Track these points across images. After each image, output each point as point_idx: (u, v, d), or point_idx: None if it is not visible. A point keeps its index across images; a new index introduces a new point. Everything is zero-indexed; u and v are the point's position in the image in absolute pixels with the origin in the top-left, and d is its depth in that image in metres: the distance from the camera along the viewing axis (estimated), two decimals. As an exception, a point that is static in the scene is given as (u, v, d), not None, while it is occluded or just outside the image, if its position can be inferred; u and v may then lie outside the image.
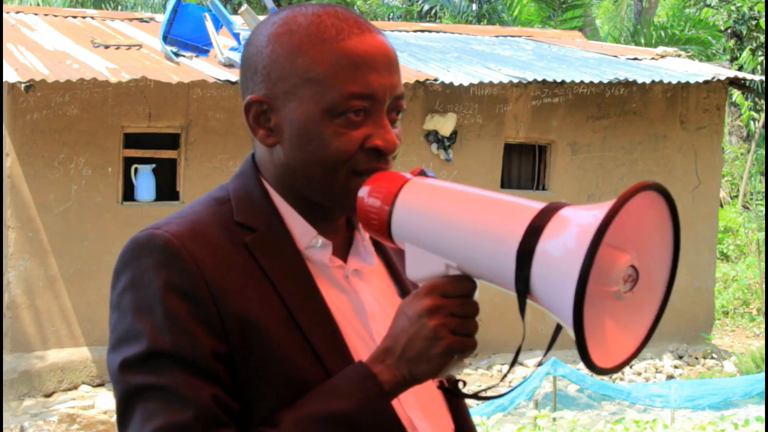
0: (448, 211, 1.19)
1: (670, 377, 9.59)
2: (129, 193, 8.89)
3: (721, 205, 14.82)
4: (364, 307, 1.34)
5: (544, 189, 10.09)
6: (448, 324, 1.18)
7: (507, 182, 10.03)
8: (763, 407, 6.90)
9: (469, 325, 1.20)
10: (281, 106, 1.29)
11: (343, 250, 1.37)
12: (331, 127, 1.26)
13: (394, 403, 1.25)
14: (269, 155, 1.33)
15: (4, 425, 7.71)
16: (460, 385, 1.28)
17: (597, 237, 1.04)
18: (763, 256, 13.94)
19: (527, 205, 1.15)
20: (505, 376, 1.27)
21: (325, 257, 1.33)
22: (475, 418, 6.38)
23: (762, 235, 14.44)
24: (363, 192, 1.25)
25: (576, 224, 1.08)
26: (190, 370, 1.20)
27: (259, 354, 1.23)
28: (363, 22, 1.31)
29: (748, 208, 16.38)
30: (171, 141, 9.08)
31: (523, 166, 10.18)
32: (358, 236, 1.38)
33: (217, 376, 1.21)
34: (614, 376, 9.63)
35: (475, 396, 1.30)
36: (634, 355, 1.15)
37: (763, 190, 16.04)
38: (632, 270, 1.12)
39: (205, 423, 1.19)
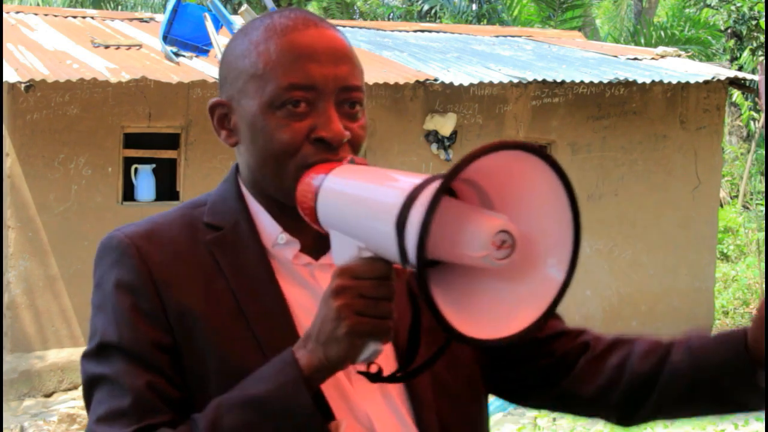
0: (352, 192, 1.19)
1: (670, 377, 9.58)
2: (129, 193, 8.89)
3: (721, 205, 14.82)
4: None
5: (544, 189, 10.09)
6: (353, 305, 1.15)
7: (507, 182, 10.03)
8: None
9: (380, 307, 1.16)
10: (236, 106, 1.34)
11: (318, 247, 1.37)
12: (274, 119, 1.29)
13: (350, 393, 1.28)
14: (239, 156, 1.38)
15: (4, 425, 7.71)
16: (375, 368, 1.24)
17: (435, 197, 1.00)
18: (763, 256, 13.94)
19: (413, 178, 1.10)
20: (410, 358, 1.23)
21: (290, 254, 1.35)
22: (475, 418, 6.37)
23: (762, 235, 14.44)
24: (302, 180, 1.26)
25: (430, 188, 1.04)
26: (131, 360, 1.27)
27: (201, 345, 1.28)
28: (312, 19, 1.33)
29: (748, 208, 16.37)
30: (171, 141, 9.08)
31: (523, 166, 10.18)
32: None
33: (157, 366, 1.27)
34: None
35: (388, 378, 1.26)
36: (533, 326, 1.08)
37: (763, 190, 16.04)
38: (506, 236, 1.05)
39: (140, 410, 1.25)
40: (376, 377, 1.23)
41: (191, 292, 1.30)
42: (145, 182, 8.91)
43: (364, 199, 1.15)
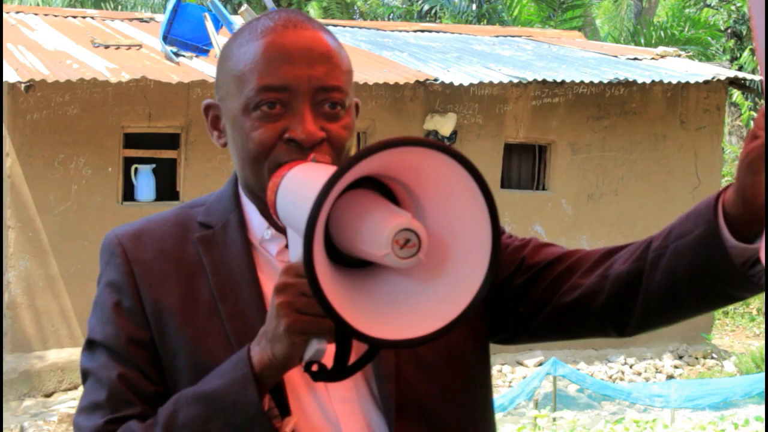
0: (296, 190, 1.19)
1: (670, 377, 9.59)
2: (129, 193, 8.89)
3: (721, 205, 14.79)
4: None
5: (544, 189, 10.09)
6: (293, 303, 1.14)
7: (507, 182, 10.03)
8: (763, 407, 6.90)
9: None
10: (223, 107, 1.37)
11: None
12: (250, 121, 1.30)
13: (323, 393, 1.28)
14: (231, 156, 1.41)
15: (4, 425, 7.72)
16: (315, 367, 1.20)
17: (325, 188, 0.99)
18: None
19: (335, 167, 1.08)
20: (341, 355, 1.19)
21: (275, 249, 1.36)
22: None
23: (762, 235, 14.42)
24: (270, 181, 1.27)
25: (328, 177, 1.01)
26: (110, 354, 1.33)
27: (174, 340, 1.32)
28: (295, 20, 1.32)
29: (748, 208, 16.36)
30: (171, 141, 9.08)
31: (523, 166, 10.18)
32: None
33: (132, 360, 1.32)
34: (614, 376, 9.64)
35: (326, 376, 1.22)
36: (447, 327, 1.06)
37: (763, 190, 16.03)
38: (411, 234, 1.02)
39: (114, 403, 1.31)
40: (317, 375, 1.20)
41: (170, 289, 1.34)
42: (145, 182, 8.91)
43: (302, 196, 1.14)
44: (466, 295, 1.07)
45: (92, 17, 11.61)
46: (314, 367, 1.18)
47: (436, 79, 9.19)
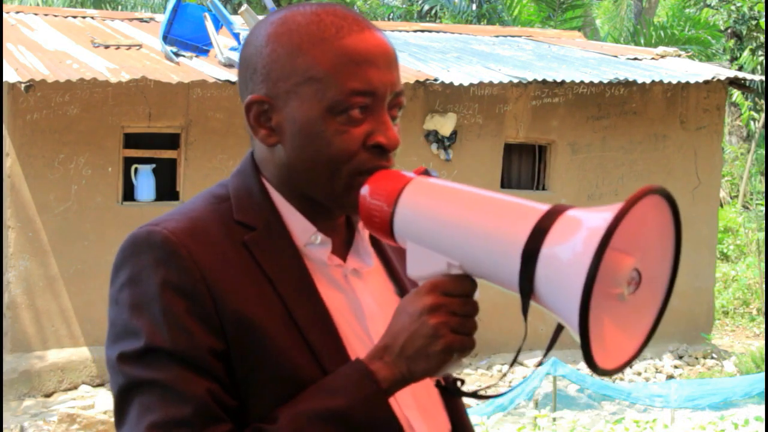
0: (452, 211, 1.20)
1: (670, 377, 9.59)
2: (129, 193, 8.89)
3: (721, 205, 14.82)
4: (362, 307, 1.34)
5: (544, 189, 10.09)
6: (449, 322, 1.18)
7: (507, 182, 10.03)
8: (763, 407, 6.90)
9: (469, 325, 1.20)
10: (282, 105, 1.29)
11: (342, 250, 1.37)
12: (333, 125, 1.26)
13: (392, 402, 1.25)
14: (270, 154, 1.33)
15: (4, 425, 7.71)
16: (459, 383, 1.28)
17: (605, 240, 1.04)
18: (763, 256, 13.94)
19: (532, 206, 1.15)
20: (504, 375, 1.27)
21: (324, 255, 1.33)
22: (475, 419, 6.38)
23: (762, 235, 14.44)
24: (365, 190, 1.25)
25: (583, 227, 1.08)
26: (187, 366, 1.21)
27: (256, 352, 1.24)
28: (362, 20, 1.31)
29: (748, 208, 16.37)
30: (171, 141, 9.08)
31: (523, 166, 10.18)
32: (358, 236, 1.38)
33: (214, 373, 1.22)
34: (614, 376, 9.64)
35: (474, 395, 1.30)
36: (635, 356, 1.15)
37: (763, 190, 16.04)
38: (635, 273, 1.13)
39: (203, 419, 1.20)
40: (456, 391, 1.27)
41: (244, 297, 1.25)
42: (145, 182, 8.91)
43: (471, 222, 1.18)
44: (646, 323, 1.17)
45: (92, 17, 11.60)
46: (459, 384, 1.27)
47: (436, 79, 9.19)
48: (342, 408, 1.20)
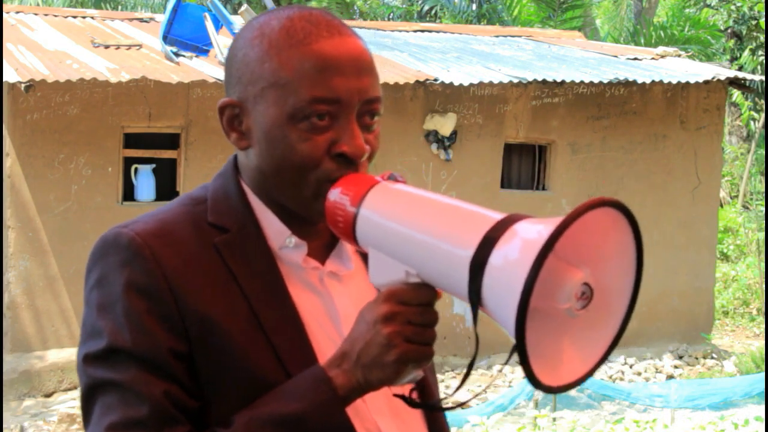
0: (409, 217, 1.18)
1: (670, 377, 9.59)
2: (129, 193, 8.89)
3: (721, 205, 14.83)
4: (336, 310, 1.33)
5: (544, 189, 10.09)
6: (403, 332, 1.16)
7: (507, 182, 10.03)
8: (763, 407, 6.90)
9: (427, 334, 1.18)
10: (251, 109, 1.29)
11: (324, 253, 1.36)
12: (296, 132, 1.25)
13: (361, 407, 1.26)
14: (245, 158, 1.34)
15: (4, 425, 7.71)
16: (414, 394, 1.26)
17: (543, 252, 1.01)
18: (763, 256, 13.94)
19: (487, 215, 1.11)
20: (459, 387, 1.24)
21: (299, 258, 1.33)
22: (475, 418, 6.38)
23: (762, 235, 14.44)
24: (332, 194, 1.24)
25: (527, 238, 1.05)
26: (146, 367, 1.22)
27: (218, 354, 1.24)
28: (336, 24, 1.29)
29: (748, 208, 16.37)
30: (171, 141, 9.08)
31: (523, 166, 10.18)
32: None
33: (174, 374, 1.23)
34: (614, 376, 9.63)
35: (429, 406, 1.31)
36: (590, 373, 1.12)
37: (763, 190, 16.04)
38: (586, 288, 1.09)
39: (159, 420, 1.21)
40: (415, 402, 1.25)
41: (208, 298, 1.25)
42: (145, 182, 8.91)
43: (426, 231, 1.15)
44: (603, 341, 1.13)
45: (92, 17, 11.60)
46: (414, 395, 1.24)
47: (436, 79, 9.19)
48: (297, 413, 1.20)
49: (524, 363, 1.05)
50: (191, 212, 1.33)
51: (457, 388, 1.24)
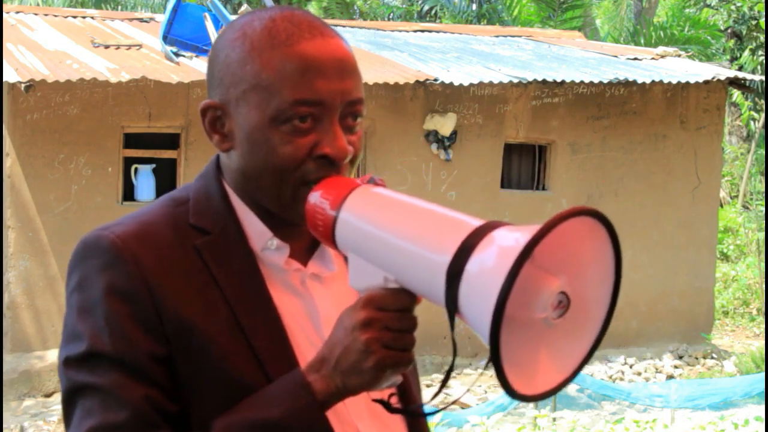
0: (387, 222, 1.17)
1: (670, 377, 9.59)
2: (129, 193, 8.89)
3: (721, 205, 14.82)
4: (318, 312, 1.32)
5: (543, 189, 10.09)
6: (380, 338, 1.16)
7: (507, 182, 10.03)
8: (763, 407, 6.90)
9: (405, 340, 1.18)
10: (233, 111, 1.29)
11: (306, 255, 1.36)
12: (278, 134, 1.25)
13: (342, 411, 1.26)
14: (228, 159, 1.34)
15: (4, 425, 7.72)
16: (391, 399, 1.25)
17: (519, 260, 1.00)
18: (763, 256, 13.94)
19: (465, 221, 1.11)
20: (437, 393, 1.24)
21: (280, 260, 1.32)
22: (475, 418, 6.37)
23: (762, 235, 14.44)
24: (312, 196, 1.23)
25: (501, 245, 1.04)
26: (126, 371, 1.22)
27: (198, 356, 1.24)
28: (318, 26, 1.28)
29: (748, 208, 16.38)
30: (171, 141, 9.08)
31: (523, 166, 10.18)
32: None
33: (154, 378, 1.22)
34: (614, 376, 9.63)
35: (406, 411, 1.31)
36: (564, 383, 1.12)
37: (763, 190, 16.04)
38: (563, 297, 1.08)
39: (138, 424, 1.20)
40: (393, 408, 1.24)
41: (187, 301, 1.25)
42: (145, 182, 8.92)
43: (403, 236, 1.14)
44: (579, 350, 1.12)
45: (92, 17, 11.61)
46: (393, 400, 1.24)
47: (436, 79, 9.19)
48: (276, 419, 1.19)
49: (498, 371, 1.04)
50: (172, 214, 1.32)
51: (435, 394, 1.24)
